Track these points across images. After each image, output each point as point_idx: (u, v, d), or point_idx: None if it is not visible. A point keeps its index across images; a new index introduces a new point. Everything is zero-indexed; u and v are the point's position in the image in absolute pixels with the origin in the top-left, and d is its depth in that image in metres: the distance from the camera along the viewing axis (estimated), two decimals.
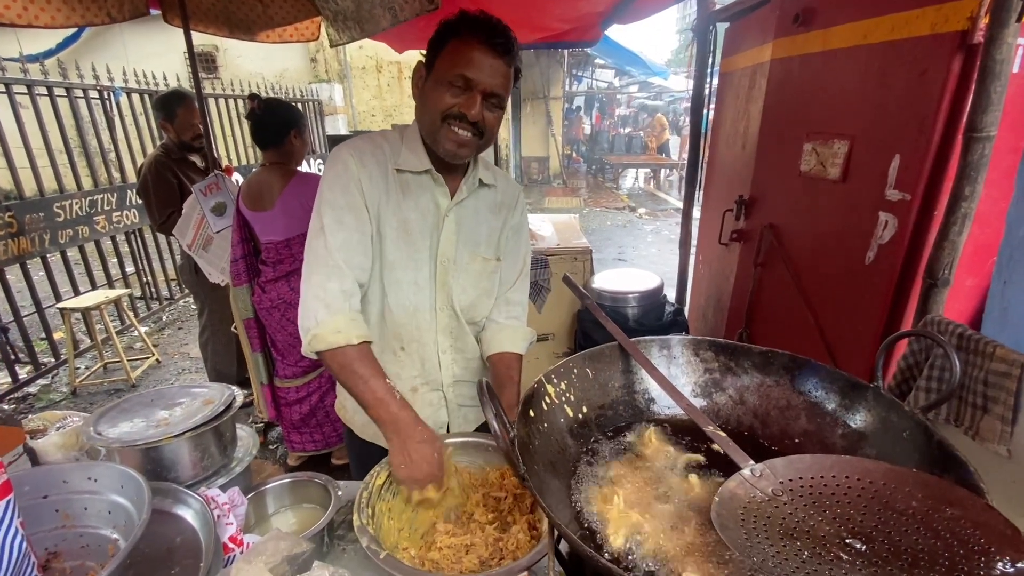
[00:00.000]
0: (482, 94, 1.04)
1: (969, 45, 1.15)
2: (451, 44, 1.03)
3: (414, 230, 1.15)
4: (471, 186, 1.20)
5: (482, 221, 1.23)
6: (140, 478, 0.76)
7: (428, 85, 1.07)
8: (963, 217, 1.18)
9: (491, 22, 1.04)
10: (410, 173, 1.14)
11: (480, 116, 1.05)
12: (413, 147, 1.14)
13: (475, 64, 1.01)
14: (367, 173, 1.11)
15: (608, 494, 0.79)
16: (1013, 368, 0.85)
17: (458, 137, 1.06)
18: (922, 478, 0.65)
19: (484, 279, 1.26)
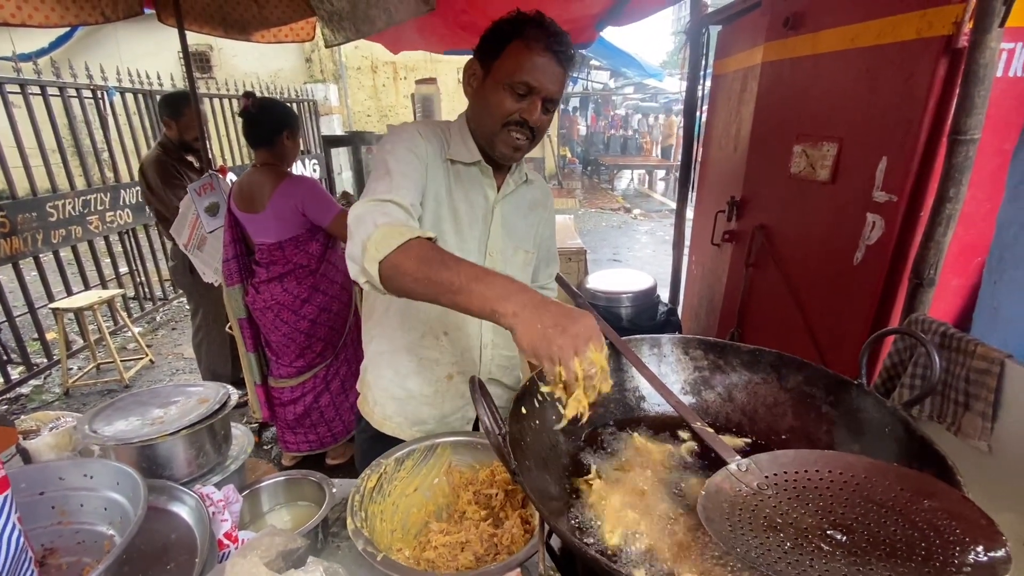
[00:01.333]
0: (542, 99, 1.06)
1: (954, 49, 1.17)
2: (514, 46, 1.03)
3: (463, 219, 1.17)
4: (518, 180, 1.24)
5: (522, 215, 1.27)
6: (136, 474, 0.77)
7: (486, 87, 1.08)
8: (948, 218, 1.20)
9: (555, 28, 1.04)
10: (461, 164, 1.16)
11: (539, 120, 1.08)
12: (464, 139, 1.16)
13: (539, 71, 1.02)
14: (432, 151, 1.12)
15: (602, 492, 0.80)
16: (993, 365, 0.87)
17: (516, 142, 1.10)
18: (902, 472, 0.67)
19: (524, 272, 1.30)
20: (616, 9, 3.54)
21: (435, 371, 1.28)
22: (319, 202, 2.03)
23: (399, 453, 1.12)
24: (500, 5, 3.58)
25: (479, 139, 1.14)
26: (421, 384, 1.28)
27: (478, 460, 1.20)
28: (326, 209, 2.05)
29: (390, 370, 1.30)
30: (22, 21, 2.72)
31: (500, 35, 1.05)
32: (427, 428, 1.31)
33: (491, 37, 1.07)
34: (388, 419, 1.32)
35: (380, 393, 1.32)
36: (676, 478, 0.84)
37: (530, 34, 1.02)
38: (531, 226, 1.29)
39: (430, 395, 1.29)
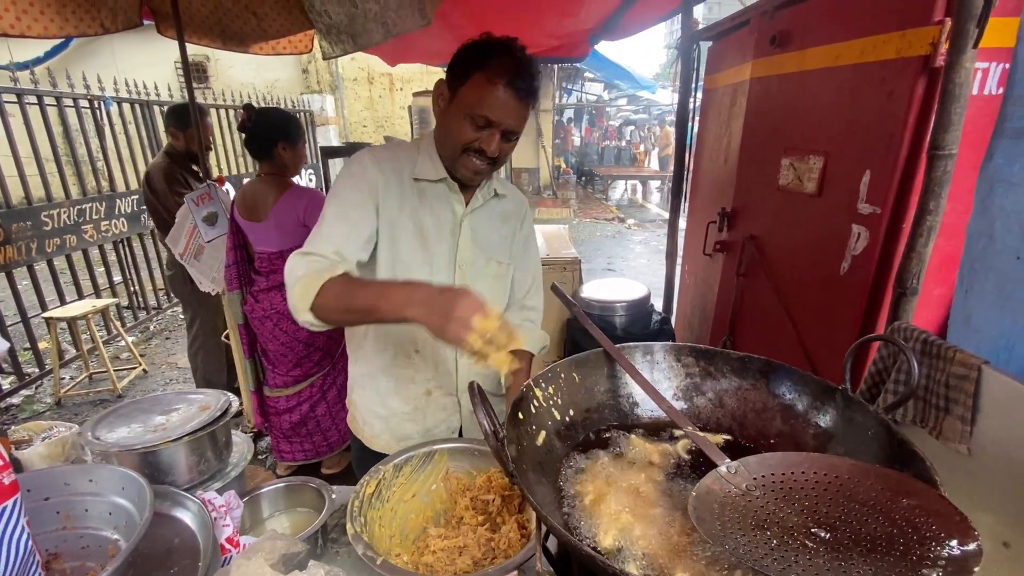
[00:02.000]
0: (501, 132, 1.08)
1: (931, 68, 1.22)
2: (476, 77, 1.03)
3: (430, 235, 1.20)
4: (486, 195, 1.26)
5: (494, 228, 1.29)
6: (141, 479, 0.79)
7: (450, 111, 1.10)
8: (928, 230, 1.24)
9: (520, 63, 1.04)
10: (427, 182, 1.19)
11: (498, 151, 1.10)
12: (430, 157, 1.18)
13: (499, 107, 1.04)
14: (384, 179, 1.16)
15: (596, 495, 0.83)
16: (971, 371, 0.90)
17: (475, 166, 1.12)
18: (883, 472, 0.70)
19: (498, 283, 1.32)
20: (610, 24, 3.62)
21: (412, 389, 1.30)
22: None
23: (398, 459, 1.14)
24: (497, 19, 3.65)
25: (443, 158, 1.17)
26: (401, 402, 1.31)
27: (475, 466, 1.22)
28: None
29: (371, 391, 1.33)
30: (21, 32, 2.75)
31: (466, 61, 1.06)
32: (412, 442, 1.33)
33: (458, 62, 1.07)
34: (376, 437, 1.36)
35: (366, 413, 1.36)
36: (670, 481, 0.86)
37: (493, 67, 1.02)
38: (504, 237, 1.31)
39: (410, 412, 1.32)
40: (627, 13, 3.35)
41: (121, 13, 3.23)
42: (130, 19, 3.26)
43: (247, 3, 3.48)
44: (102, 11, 3.11)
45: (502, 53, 1.03)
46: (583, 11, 3.35)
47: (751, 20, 1.93)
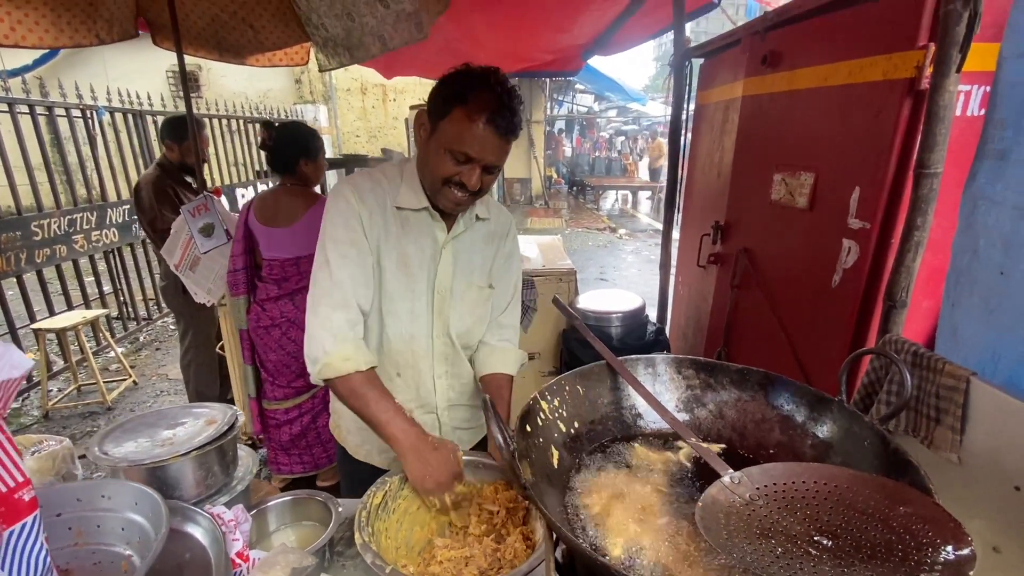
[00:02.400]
0: (482, 167, 1.09)
1: (917, 90, 1.28)
2: (456, 112, 1.03)
3: (413, 263, 1.21)
4: (468, 221, 1.27)
5: (476, 251, 1.30)
6: (156, 495, 0.79)
7: (431, 144, 1.10)
8: (916, 245, 1.29)
9: (500, 98, 1.03)
10: (409, 210, 1.20)
11: (479, 184, 1.11)
12: (412, 185, 1.20)
13: (479, 143, 1.04)
14: (367, 209, 1.17)
15: (603, 506, 0.85)
16: (960, 382, 0.94)
17: (456, 198, 1.13)
18: (880, 481, 0.73)
19: (479, 306, 1.32)
20: (602, 40, 3.70)
21: None
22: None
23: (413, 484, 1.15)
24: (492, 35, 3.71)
25: (425, 188, 1.18)
26: None
27: (479, 478, 1.23)
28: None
29: None
30: (15, 42, 2.75)
31: (446, 95, 1.05)
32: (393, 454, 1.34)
33: (439, 95, 1.07)
34: (360, 446, 1.37)
35: (349, 421, 1.37)
36: (674, 491, 0.89)
37: (474, 103, 1.01)
38: (487, 259, 1.31)
39: None
40: (620, 30, 3.42)
41: (117, 24, 3.24)
42: (126, 30, 3.27)
43: (244, 16, 3.50)
44: (98, 22, 3.12)
45: (482, 87, 1.03)
46: (576, 27, 3.41)
47: (742, 40, 2.00)
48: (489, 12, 3.15)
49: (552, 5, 3.09)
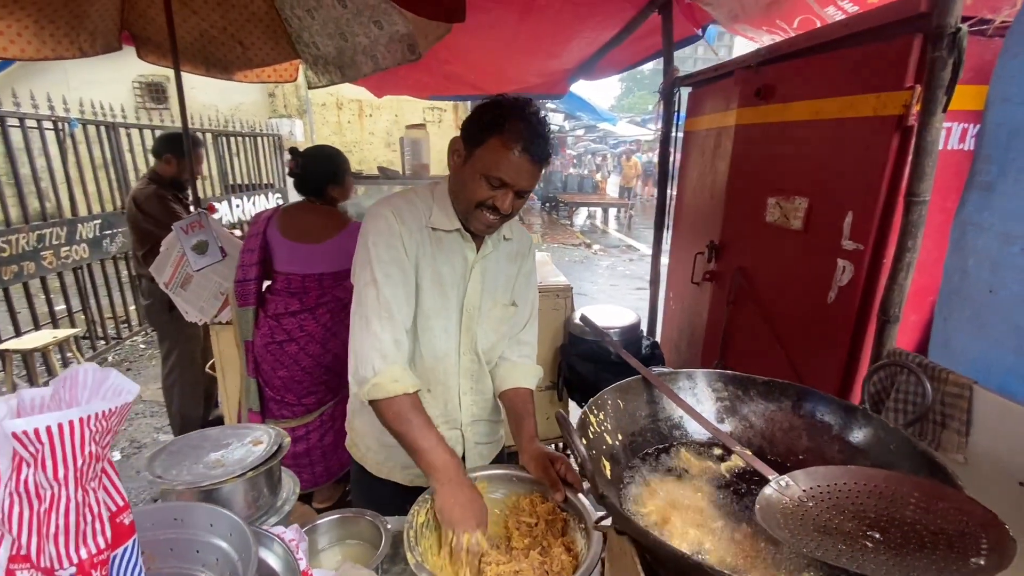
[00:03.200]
0: (515, 192, 1.15)
1: (904, 126, 1.42)
2: (493, 141, 1.10)
3: (446, 281, 1.26)
4: (496, 242, 1.33)
5: (501, 271, 1.36)
6: (233, 516, 0.80)
7: (466, 170, 1.16)
8: (908, 265, 1.42)
9: (535, 128, 1.10)
10: (442, 231, 1.25)
11: (511, 208, 1.17)
12: (444, 207, 1.25)
13: (514, 170, 1.11)
14: (407, 229, 1.21)
15: (660, 514, 0.90)
16: (964, 390, 1.05)
17: (488, 221, 1.19)
18: (915, 480, 0.81)
19: (503, 323, 1.38)
20: (588, 65, 3.85)
21: None
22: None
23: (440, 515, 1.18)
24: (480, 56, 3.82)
25: (457, 211, 1.24)
26: None
27: (514, 492, 1.27)
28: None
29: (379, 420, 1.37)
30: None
31: (483, 125, 1.12)
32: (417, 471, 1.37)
33: (475, 124, 1.13)
34: (382, 464, 1.40)
35: (372, 440, 1.39)
36: (720, 497, 0.95)
37: (509, 132, 1.08)
38: (510, 277, 1.38)
39: None
40: (606, 56, 3.58)
41: (100, 37, 3.18)
42: (109, 43, 3.21)
43: (234, 32, 3.49)
44: (81, 35, 3.06)
45: (517, 118, 1.09)
46: (566, 53, 3.55)
47: (735, 72, 2.14)
48: (482, 36, 3.25)
49: (545, 31, 3.22)
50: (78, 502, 0.57)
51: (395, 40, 3.08)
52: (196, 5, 3.25)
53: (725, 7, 2.39)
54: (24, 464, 0.54)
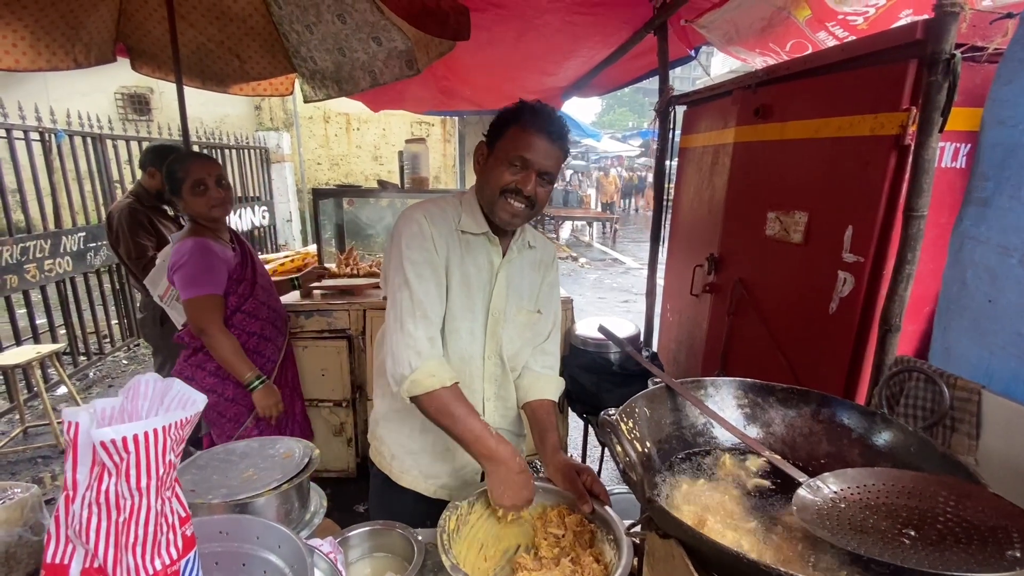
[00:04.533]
0: (537, 173, 1.21)
1: (902, 146, 1.50)
2: (512, 129, 1.21)
3: (473, 284, 1.29)
4: (520, 247, 1.37)
5: (525, 277, 1.39)
6: (286, 530, 0.80)
7: (489, 163, 1.25)
8: (907, 277, 1.49)
9: (548, 113, 1.22)
10: (471, 234, 1.29)
11: (534, 191, 1.22)
12: (472, 212, 1.30)
13: (532, 147, 1.19)
14: (438, 231, 1.25)
15: (696, 518, 0.92)
16: (972, 395, 1.11)
17: (513, 208, 1.23)
18: (941, 479, 0.85)
19: (527, 330, 1.40)
20: (582, 83, 3.95)
21: None
22: (184, 274, 1.88)
23: (471, 496, 1.19)
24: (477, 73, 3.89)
25: (484, 209, 1.29)
26: (434, 440, 1.37)
27: (540, 502, 1.28)
28: (186, 285, 1.88)
29: (405, 427, 1.39)
30: None
31: (502, 122, 1.23)
32: (441, 481, 1.40)
33: (495, 124, 1.25)
34: (405, 472, 1.41)
35: (397, 448, 1.41)
36: (751, 500, 0.98)
37: (525, 118, 1.20)
38: (534, 285, 1.42)
39: (442, 451, 1.39)
40: (599, 75, 3.68)
41: (95, 49, 3.16)
42: (103, 55, 3.19)
43: (231, 45, 3.50)
44: (76, 46, 3.04)
45: (531, 110, 1.21)
46: (562, 71, 3.64)
47: (733, 92, 2.23)
48: (480, 54, 3.31)
49: (541, 50, 3.30)
50: (157, 511, 0.57)
51: (394, 56, 3.12)
52: (194, 19, 3.25)
53: (720, 30, 2.49)
54: (106, 474, 0.55)
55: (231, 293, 1.99)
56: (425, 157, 3.17)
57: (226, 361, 1.93)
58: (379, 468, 1.45)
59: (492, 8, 2.74)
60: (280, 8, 3.30)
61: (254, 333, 2.08)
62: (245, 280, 2.04)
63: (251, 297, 2.05)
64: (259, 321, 2.09)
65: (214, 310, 1.92)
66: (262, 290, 2.12)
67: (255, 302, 2.07)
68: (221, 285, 1.94)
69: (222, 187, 1.97)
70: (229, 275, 1.97)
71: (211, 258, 1.91)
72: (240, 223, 6.96)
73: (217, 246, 1.97)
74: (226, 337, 1.92)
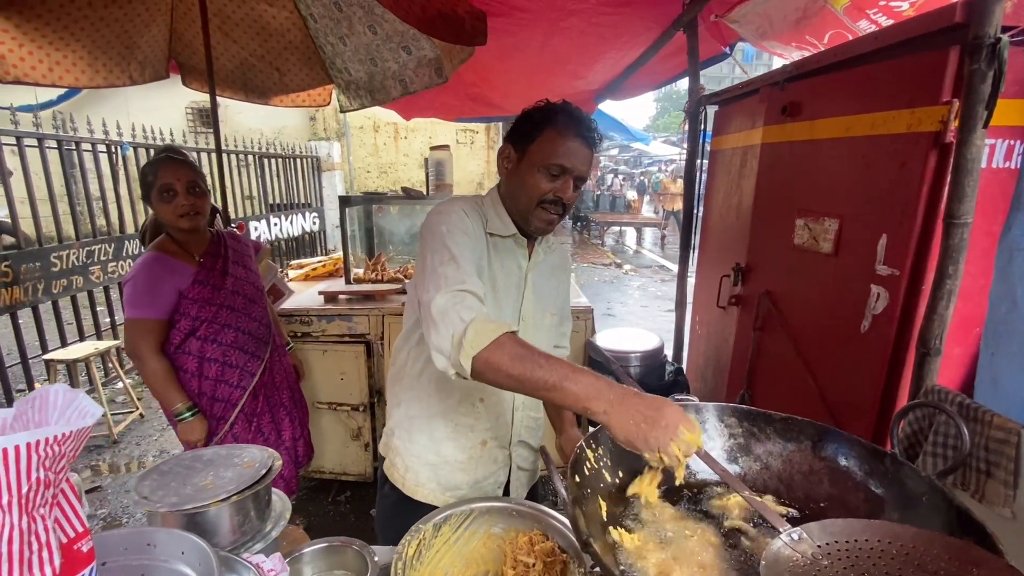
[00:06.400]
0: (575, 179, 1.16)
1: (942, 144, 1.31)
2: (548, 132, 1.13)
3: (500, 288, 1.25)
4: (546, 249, 1.33)
5: (547, 281, 1.36)
6: (204, 544, 0.78)
7: (523, 167, 1.17)
8: (948, 293, 1.30)
9: (581, 114, 1.16)
10: (499, 237, 1.24)
11: (572, 198, 1.18)
12: (498, 214, 1.25)
13: (572, 154, 1.13)
14: (473, 225, 1.20)
15: (659, 567, 0.82)
16: (1011, 436, 0.93)
17: (549, 218, 1.19)
18: (947, 541, 0.71)
19: (551, 333, 1.38)
20: (614, 85, 3.83)
21: (470, 437, 1.31)
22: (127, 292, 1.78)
23: (437, 519, 1.13)
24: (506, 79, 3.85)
25: (513, 214, 1.23)
26: (455, 450, 1.31)
27: (513, 527, 1.20)
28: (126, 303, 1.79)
29: (424, 436, 1.32)
30: (52, 82, 2.86)
31: (532, 122, 1.16)
32: (460, 493, 1.32)
33: (524, 124, 1.17)
34: (421, 486, 1.34)
35: (412, 459, 1.34)
36: (726, 544, 0.87)
37: (561, 121, 1.13)
38: (554, 289, 1.38)
39: (464, 461, 1.31)
40: (631, 77, 3.55)
41: (149, 66, 3.37)
42: (157, 72, 3.41)
43: (271, 59, 3.65)
44: (131, 64, 3.25)
45: (565, 111, 1.15)
46: (591, 74, 3.54)
47: (761, 90, 2.06)
48: (507, 59, 3.28)
49: (569, 53, 3.22)
50: (23, 530, 0.55)
51: (423, 64, 3.15)
52: (237, 35, 3.42)
53: (753, 24, 2.32)
54: None
55: (183, 315, 1.83)
56: (449, 164, 3.17)
57: (153, 390, 1.82)
58: (392, 484, 1.39)
59: (516, 12, 2.70)
60: (316, 22, 3.41)
61: (215, 360, 1.90)
62: (201, 301, 1.85)
63: (210, 321, 1.87)
64: (220, 347, 1.90)
65: (146, 334, 1.77)
66: (227, 311, 1.92)
67: (215, 326, 1.88)
68: (162, 309, 1.79)
69: (194, 194, 1.80)
70: (183, 295, 1.82)
71: (157, 279, 1.78)
72: (291, 228, 7.30)
73: (175, 263, 1.82)
74: (157, 363, 1.79)
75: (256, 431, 2.08)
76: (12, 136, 3.70)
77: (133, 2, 2.77)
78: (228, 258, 1.98)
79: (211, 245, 1.96)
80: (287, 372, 2.25)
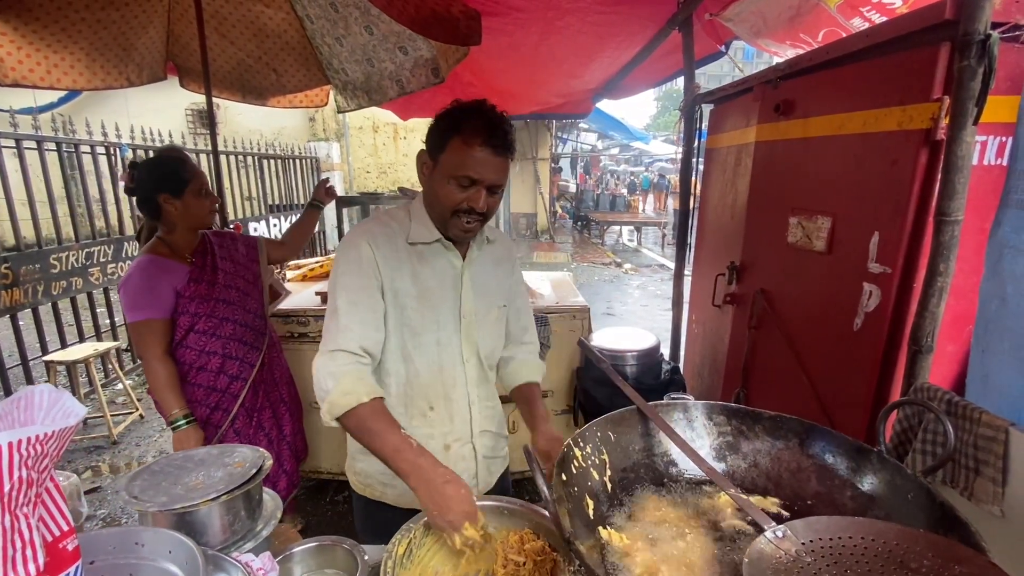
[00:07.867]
0: (487, 188, 1.14)
1: (933, 141, 1.31)
2: (454, 142, 1.11)
3: (434, 294, 1.25)
4: (480, 245, 1.32)
5: (489, 274, 1.35)
6: (191, 543, 0.78)
7: (435, 177, 1.17)
8: (940, 290, 1.30)
9: (491, 121, 1.11)
10: (423, 244, 1.24)
11: (486, 206, 1.16)
12: (422, 221, 1.25)
13: (479, 164, 1.11)
14: (381, 254, 1.20)
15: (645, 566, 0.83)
16: (999, 433, 0.93)
17: (465, 226, 1.18)
18: (931, 538, 0.71)
19: (499, 325, 1.38)
20: (611, 84, 3.83)
21: (431, 445, 1.27)
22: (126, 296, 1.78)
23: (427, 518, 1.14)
24: (503, 78, 3.84)
25: (435, 222, 1.23)
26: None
27: (503, 525, 1.20)
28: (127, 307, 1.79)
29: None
30: (51, 84, 2.87)
31: (442, 130, 1.13)
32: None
33: (434, 132, 1.15)
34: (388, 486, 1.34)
35: (384, 477, 1.33)
36: (714, 542, 0.87)
37: (467, 129, 1.09)
38: (500, 281, 1.38)
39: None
40: (629, 75, 3.55)
41: (147, 68, 3.38)
42: (155, 74, 3.41)
43: (268, 60, 3.66)
44: (129, 66, 3.26)
45: (474, 116, 1.10)
46: (588, 73, 3.54)
47: (755, 88, 2.06)
48: (504, 59, 3.28)
49: (565, 53, 3.22)
50: (5, 528, 0.56)
51: (420, 65, 3.16)
52: (233, 36, 3.42)
53: (747, 23, 2.32)
54: None
55: (183, 313, 1.86)
56: None
57: (156, 392, 1.82)
58: (360, 494, 1.40)
59: (512, 12, 2.70)
60: (312, 23, 3.41)
61: (215, 353, 1.93)
62: (198, 297, 1.88)
63: (208, 316, 1.90)
64: (220, 339, 1.94)
65: (152, 335, 1.79)
66: (224, 305, 1.96)
67: (213, 320, 1.92)
68: (164, 308, 1.81)
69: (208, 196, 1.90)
70: (179, 293, 1.84)
71: (154, 280, 1.79)
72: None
73: (169, 263, 1.84)
74: (162, 366, 1.81)
75: (257, 426, 2.13)
76: (11, 139, 3.71)
77: (130, 4, 2.78)
78: (215, 254, 2.02)
79: (199, 244, 2.01)
80: (284, 368, 2.30)
